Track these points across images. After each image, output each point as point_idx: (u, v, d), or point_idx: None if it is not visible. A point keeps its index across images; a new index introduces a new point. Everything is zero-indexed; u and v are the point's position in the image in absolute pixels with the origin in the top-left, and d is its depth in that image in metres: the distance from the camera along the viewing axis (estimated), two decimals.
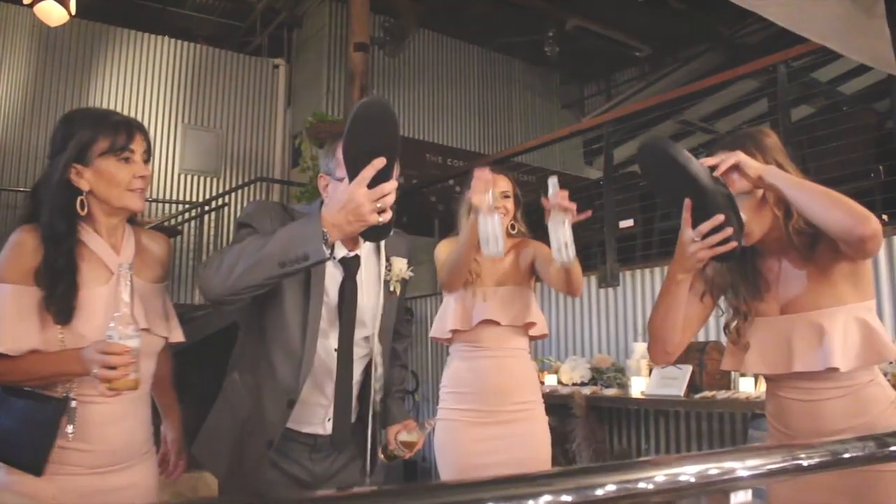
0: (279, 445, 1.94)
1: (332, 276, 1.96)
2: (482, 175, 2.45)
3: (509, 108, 11.41)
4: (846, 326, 1.69)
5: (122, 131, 1.80)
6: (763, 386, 3.64)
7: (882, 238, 1.55)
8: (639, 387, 4.16)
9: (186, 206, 9.09)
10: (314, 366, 1.93)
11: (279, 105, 10.22)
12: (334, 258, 1.96)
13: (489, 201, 2.36)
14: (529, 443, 2.82)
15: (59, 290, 1.69)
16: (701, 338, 4.04)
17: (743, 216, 1.66)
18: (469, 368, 2.86)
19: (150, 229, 2.17)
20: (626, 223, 5.98)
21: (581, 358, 4.84)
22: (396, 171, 1.69)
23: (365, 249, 2.04)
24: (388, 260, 2.08)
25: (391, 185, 1.65)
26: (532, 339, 2.96)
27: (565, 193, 2.29)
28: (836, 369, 1.66)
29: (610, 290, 5.02)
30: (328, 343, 1.97)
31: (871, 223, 1.52)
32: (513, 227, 2.92)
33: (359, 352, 2.03)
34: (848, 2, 2.50)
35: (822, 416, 1.72)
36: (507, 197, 2.88)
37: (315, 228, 1.67)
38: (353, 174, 1.65)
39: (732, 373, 4.00)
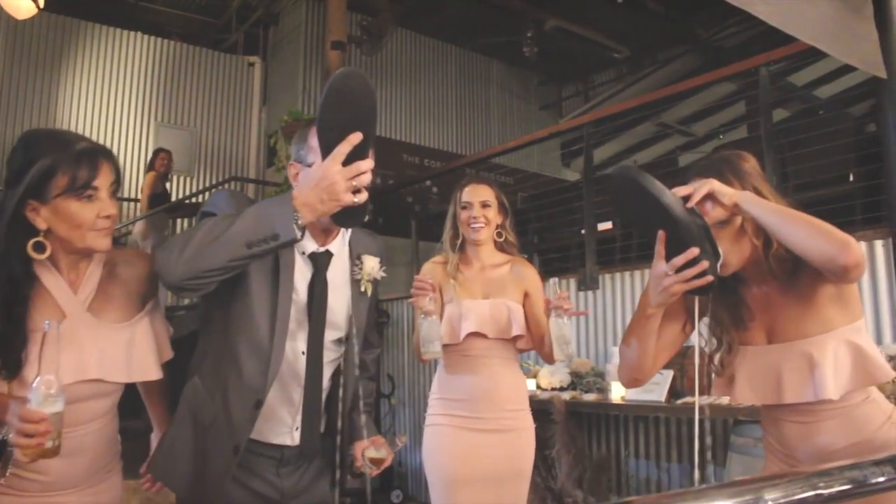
0: (243, 460, 1.80)
1: (301, 273, 1.83)
2: (419, 282, 2.61)
3: (487, 108, 11.38)
4: (836, 353, 1.63)
5: (84, 164, 1.59)
6: None
7: (864, 265, 1.49)
8: (619, 392, 4.11)
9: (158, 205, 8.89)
10: (281, 370, 1.80)
11: (254, 104, 10.10)
12: (303, 253, 1.84)
13: (426, 305, 2.55)
14: (517, 451, 2.81)
15: (12, 342, 1.54)
16: None
17: (720, 247, 1.59)
18: (458, 376, 2.83)
19: (128, 250, 2.02)
20: (605, 225, 5.94)
21: (560, 362, 4.78)
22: (372, 153, 1.60)
23: (335, 246, 1.91)
24: (359, 258, 1.96)
25: (368, 164, 1.57)
26: (520, 351, 2.95)
27: (566, 294, 2.52)
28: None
29: (589, 293, 4.96)
30: (296, 345, 1.83)
31: (853, 251, 1.46)
32: (500, 234, 2.92)
33: (328, 355, 1.90)
34: (837, 3, 2.45)
35: (819, 437, 1.67)
36: (486, 206, 2.87)
37: (285, 207, 1.58)
38: (327, 150, 1.56)
39: (714, 378, 3.95)
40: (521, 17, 9.55)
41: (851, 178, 4.46)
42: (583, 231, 6.19)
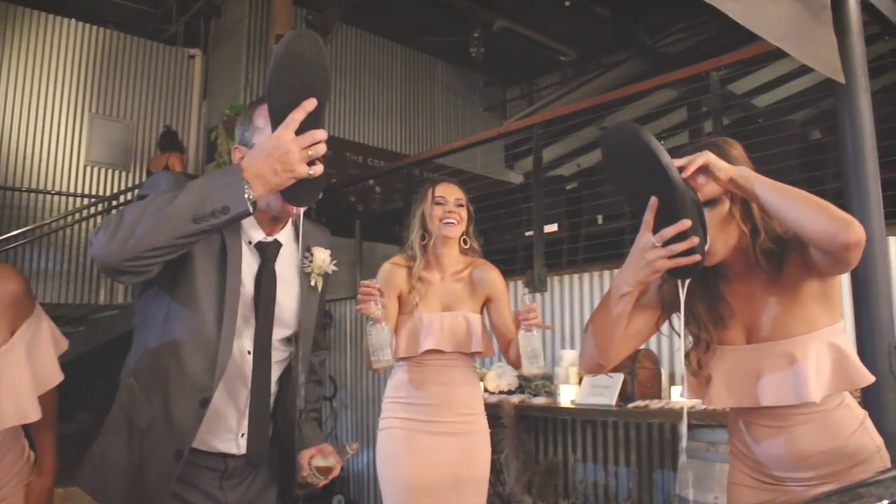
0: (183, 473, 1.64)
1: (248, 264, 1.70)
2: (366, 287, 2.53)
3: (431, 108, 11.30)
4: (818, 354, 1.57)
5: None
6: None
7: (864, 245, 1.41)
8: (568, 395, 4.07)
9: (92, 200, 8.61)
10: (227, 369, 1.65)
11: (194, 97, 9.80)
12: (250, 242, 1.71)
13: (374, 312, 2.51)
14: (475, 455, 2.79)
15: None
16: None
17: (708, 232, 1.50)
18: (415, 380, 2.79)
19: None
20: (551, 227, 5.93)
21: (506, 365, 4.73)
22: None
23: (284, 236, 1.79)
24: (308, 250, 1.83)
25: (323, 133, 1.46)
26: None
27: (535, 307, 2.55)
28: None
29: (537, 295, 4.92)
30: (242, 344, 1.69)
31: (856, 229, 1.39)
32: (465, 241, 2.89)
33: (276, 355, 1.76)
34: (799, 6, 2.44)
35: (792, 442, 1.62)
36: (460, 205, 2.87)
37: (235, 178, 1.43)
38: (278, 119, 1.44)
39: (664, 382, 3.95)
40: (469, 18, 9.51)
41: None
42: (528, 233, 6.19)
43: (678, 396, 3.64)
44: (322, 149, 1.47)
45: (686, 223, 1.45)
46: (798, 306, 1.60)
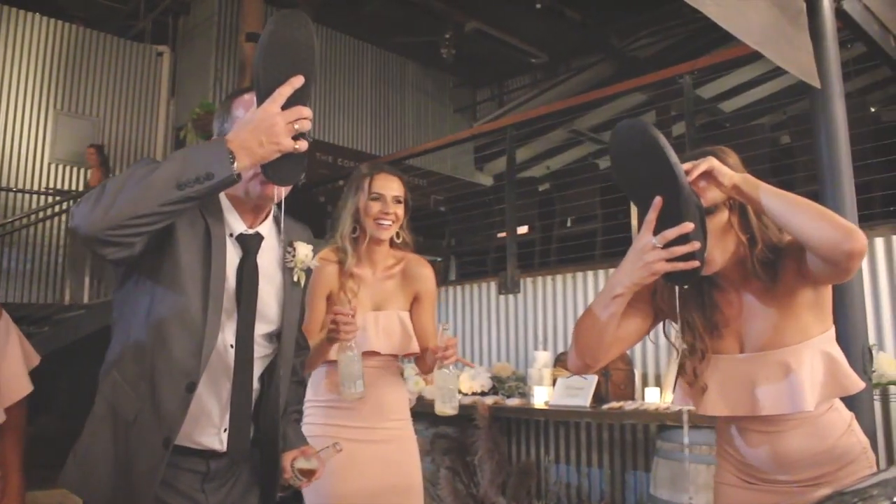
0: (166, 476, 1.60)
1: (230, 257, 1.68)
2: (345, 316, 2.30)
3: (402, 109, 11.29)
4: (812, 363, 1.58)
5: None
6: (671, 397, 3.63)
7: (865, 255, 1.43)
8: (542, 397, 4.08)
9: (56, 198, 8.47)
10: (211, 359, 1.62)
11: (162, 94, 9.68)
12: (231, 235, 1.69)
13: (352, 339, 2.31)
14: (404, 468, 2.57)
15: None
16: None
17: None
18: (345, 398, 2.48)
19: None
20: (522, 229, 5.95)
21: (480, 366, 4.74)
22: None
23: (265, 229, 1.76)
24: (290, 245, 1.81)
25: (308, 111, 1.48)
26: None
27: (454, 342, 2.35)
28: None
29: (510, 296, 4.93)
30: (225, 337, 1.66)
31: (859, 238, 1.39)
32: (398, 235, 2.62)
33: (259, 351, 1.73)
34: (777, 11, 2.47)
35: (784, 446, 1.63)
36: (398, 202, 2.58)
37: (219, 147, 1.43)
38: (265, 96, 1.45)
39: (637, 383, 3.98)
40: (440, 19, 9.51)
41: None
42: (500, 234, 6.21)
43: (652, 398, 3.67)
44: (308, 124, 1.48)
45: (689, 226, 1.44)
46: (792, 315, 1.61)
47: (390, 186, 2.56)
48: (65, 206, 8.25)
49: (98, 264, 7.97)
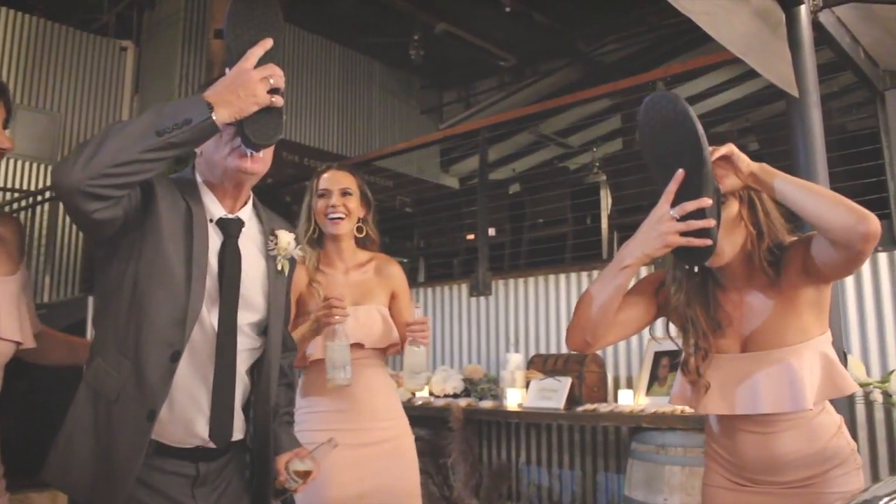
0: (152, 481, 1.58)
1: (211, 242, 1.67)
2: (337, 301, 2.38)
3: (369, 110, 11.23)
4: (811, 363, 1.62)
5: None
6: (643, 399, 3.67)
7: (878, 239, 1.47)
8: (515, 399, 4.09)
9: (16, 195, 8.28)
10: (196, 341, 1.61)
11: (125, 90, 9.51)
12: (211, 220, 1.69)
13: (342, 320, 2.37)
14: (401, 469, 2.59)
15: None
16: None
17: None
18: (331, 386, 2.47)
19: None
20: (489, 231, 5.97)
21: (451, 369, 4.74)
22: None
23: (245, 214, 1.76)
24: (272, 233, 1.80)
25: (280, 70, 1.57)
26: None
27: (426, 321, 2.48)
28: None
29: (482, 298, 4.94)
30: (211, 320, 1.65)
31: (873, 221, 1.44)
32: (360, 229, 2.65)
33: (245, 342, 1.71)
34: (759, 21, 2.53)
35: (776, 447, 1.66)
36: (347, 195, 2.60)
37: (196, 98, 1.51)
38: (236, 60, 1.55)
39: (609, 385, 4.01)
40: (408, 20, 9.48)
41: None
42: (469, 236, 6.22)
43: (625, 400, 3.70)
44: (281, 81, 1.56)
45: (707, 201, 1.47)
46: (794, 315, 1.64)
47: (336, 181, 2.62)
48: (25, 203, 8.06)
49: (54, 263, 7.83)
